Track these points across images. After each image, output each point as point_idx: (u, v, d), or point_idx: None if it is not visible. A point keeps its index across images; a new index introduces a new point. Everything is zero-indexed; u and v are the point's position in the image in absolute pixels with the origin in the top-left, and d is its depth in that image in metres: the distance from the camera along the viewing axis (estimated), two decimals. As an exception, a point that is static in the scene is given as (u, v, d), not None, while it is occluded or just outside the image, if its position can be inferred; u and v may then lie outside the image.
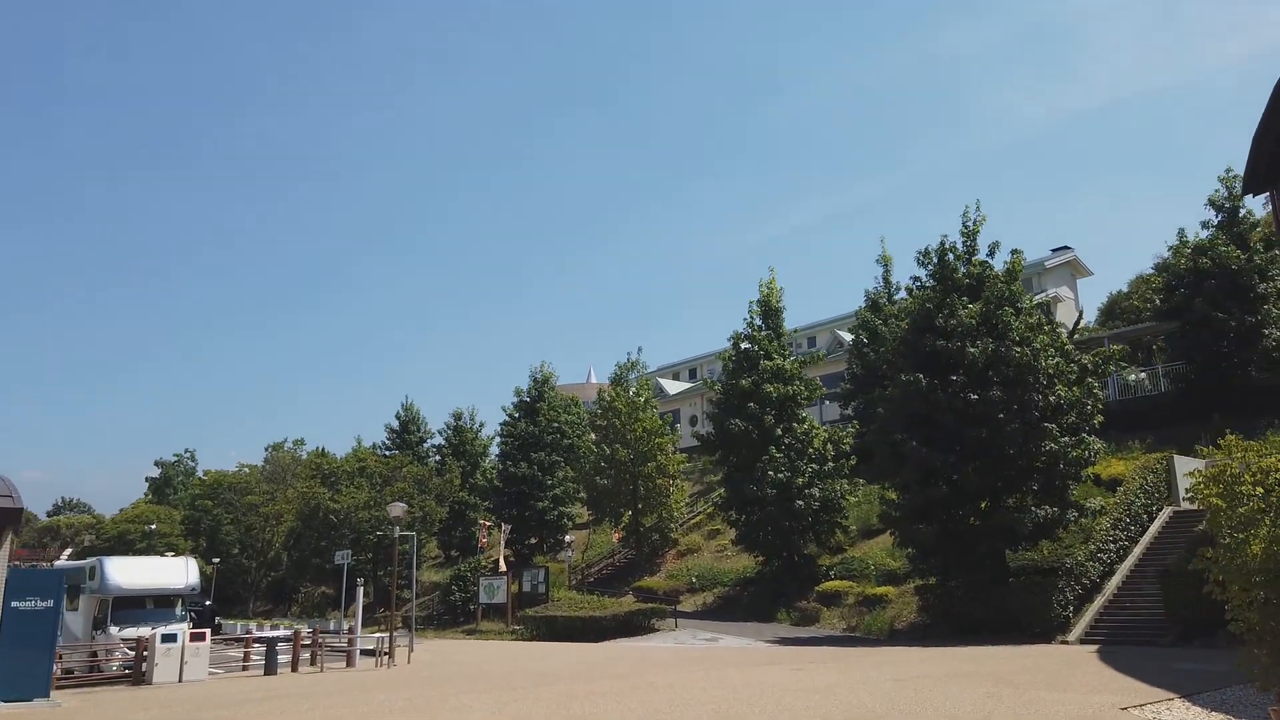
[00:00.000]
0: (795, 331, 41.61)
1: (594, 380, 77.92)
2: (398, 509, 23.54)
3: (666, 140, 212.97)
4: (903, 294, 45.51)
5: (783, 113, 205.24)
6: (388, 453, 55.60)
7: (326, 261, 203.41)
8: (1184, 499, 24.34)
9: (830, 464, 33.36)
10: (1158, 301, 35.27)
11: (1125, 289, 52.30)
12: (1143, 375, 36.53)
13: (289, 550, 53.18)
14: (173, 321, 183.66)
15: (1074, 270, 55.27)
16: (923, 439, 24.65)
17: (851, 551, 33.79)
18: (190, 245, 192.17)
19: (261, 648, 22.26)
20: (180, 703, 15.18)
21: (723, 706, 11.78)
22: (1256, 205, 39.01)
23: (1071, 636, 22.32)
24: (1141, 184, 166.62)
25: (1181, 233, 35.52)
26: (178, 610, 23.60)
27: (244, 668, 22.71)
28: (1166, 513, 26.80)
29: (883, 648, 22.84)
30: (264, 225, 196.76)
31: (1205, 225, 34.86)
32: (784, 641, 25.60)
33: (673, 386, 68.61)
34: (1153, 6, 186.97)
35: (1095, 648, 20.26)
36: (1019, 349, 23.98)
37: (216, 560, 55.42)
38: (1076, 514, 24.04)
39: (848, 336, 55.14)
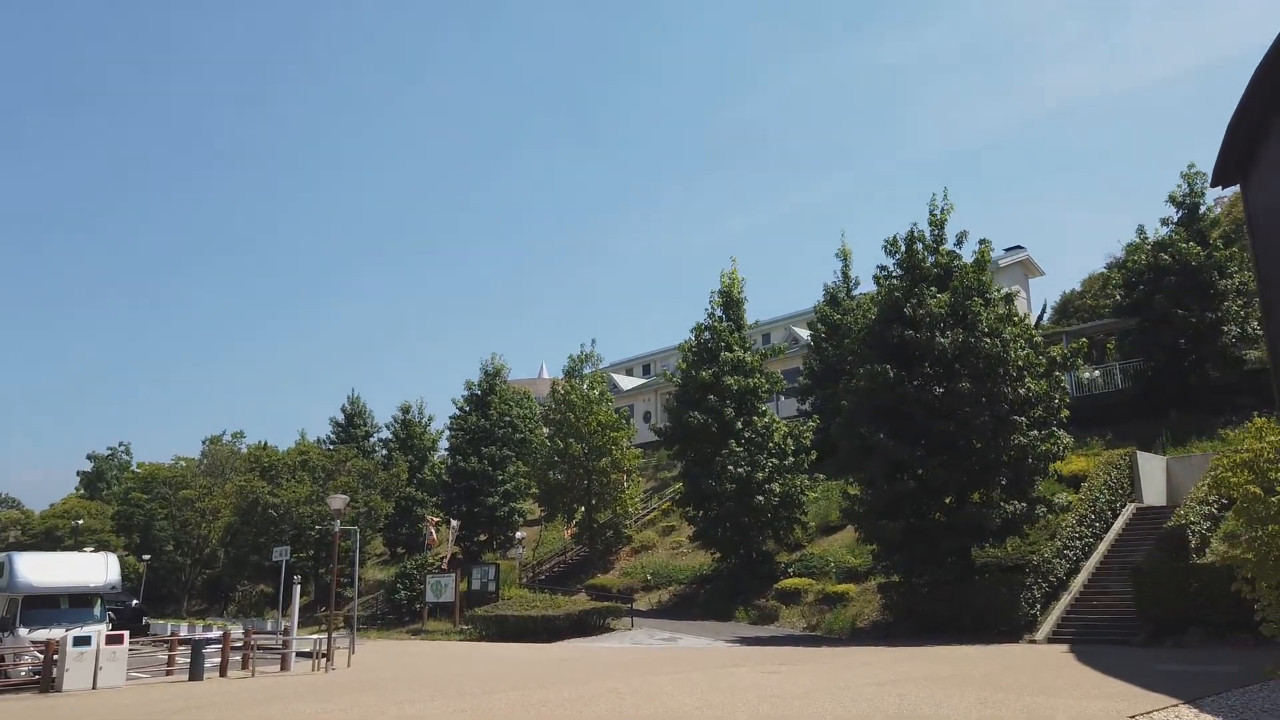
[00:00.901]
0: (756, 325, 40.82)
1: (546, 376, 76.58)
2: (338, 501, 22.07)
3: (616, 142, 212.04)
4: (860, 289, 45.22)
5: (732, 117, 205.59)
6: (332, 446, 53.66)
7: (274, 256, 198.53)
8: (1232, 479, 23.00)
9: (791, 459, 32.55)
10: (1118, 297, 35.12)
11: (1079, 288, 52.67)
12: (1096, 373, 36.37)
13: (226, 547, 51.05)
14: (108, 309, 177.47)
15: (1026, 270, 55.51)
16: (889, 431, 23.92)
17: (810, 548, 33.07)
18: (128, 238, 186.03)
19: (188, 650, 20.59)
20: (87, 713, 13.67)
21: (696, 715, 10.71)
22: (1215, 203, 39.26)
23: (1039, 635, 21.76)
24: (1086, 190, 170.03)
25: (1141, 229, 35.46)
26: (96, 610, 21.82)
27: (168, 672, 21.05)
28: (1130, 509, 26.47)
29: (849, 647, 22.02)
30: (213, 216, 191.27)
31: (1165, 222, 34.81)
32: (745, 641, 24.68)
33: (626, 382, 67.54)
34: (1092, 20, 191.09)
35: (1066, 647, 19.67)
36: (988, 340, 23.37)
37: (148, 557, 52.93)
38: (1045, 509, 23.47)
39: (803, 333, 54.62)
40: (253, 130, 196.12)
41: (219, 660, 20.66)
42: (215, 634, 26.17)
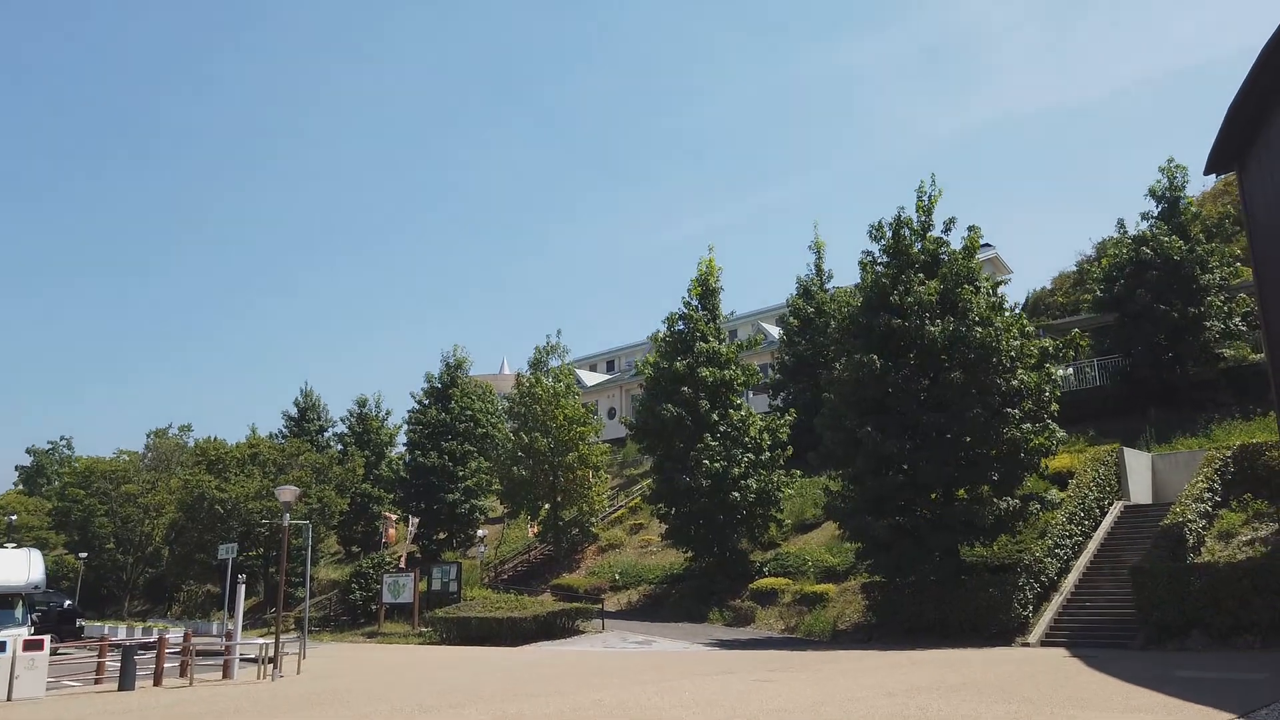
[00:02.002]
0: (730, 316, 39.66)
1: (508, 371, 74.79)
2: (288, 492, 20.35)
3: (577, 139, 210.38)
4: (833, 283, 44.33)
5: (690, 119, 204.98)
6: (284, 440, 51.42)
7: (225, 245, 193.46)
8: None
9: (767, 454, 31.37)
10: (1098, 292, 34.42)
11: (1049, 286, 52.42)
12: (1069, 371, 35.70)
13: (170, 545, 48.66)
14: (53, 299, 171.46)
15: (995, 268, 55.25)
16: (876, 424, 22.80)
17: (786, 547, 31.95)
18: (72, 226, 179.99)
19: (118, 655, 18.72)
20: (-8, 732, 11.97)
21: (696, 735, 9.37)
22: (1196, 197, 38.90)
23: (1032, 638, 20.78)
24: (1044, 194, 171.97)
25: (1121, 223, 34.96)
26: (17, 612, 19.85)
27: (97, 680, 19.17)
28: (1118, 507, 25.69)
29: (834, 651, 20.84)
30: (159, 204, 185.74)
31: (1145, 216, 34.26)
32: (723, 644, 23.40)
33: (591, 378, 66.19)
34: (1046, 31, 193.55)
35: (1065, 651, 18.66)
36: (980, 329, 22.33)
37: (85, 555, 50.29)
38: (1039, 506, 22.49)
39: (772, 329, 53.67)
40: (196, 116, 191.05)
41: (154, 667, 18.89)
42: (152, 638, 24.23)
